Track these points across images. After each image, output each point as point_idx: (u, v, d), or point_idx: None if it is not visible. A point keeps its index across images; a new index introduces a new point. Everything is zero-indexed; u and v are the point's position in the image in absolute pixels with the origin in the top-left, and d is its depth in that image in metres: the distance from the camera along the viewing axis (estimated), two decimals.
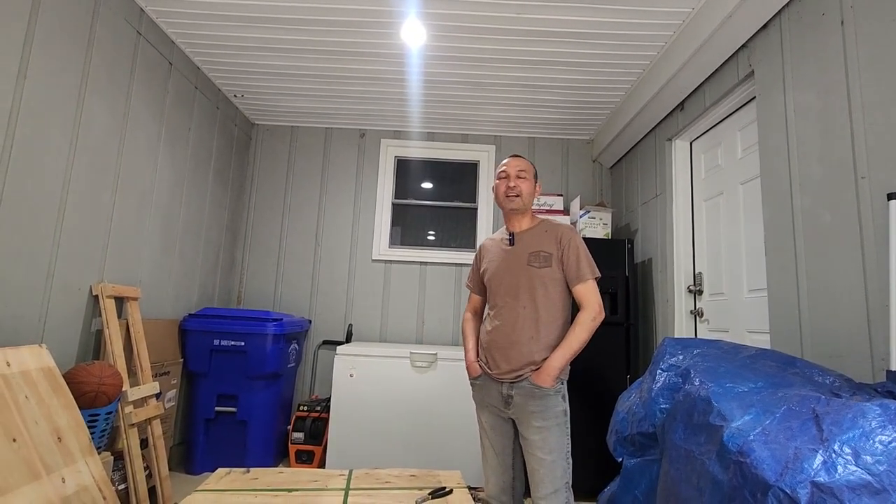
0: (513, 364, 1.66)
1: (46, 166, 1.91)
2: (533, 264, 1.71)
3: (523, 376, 1.65)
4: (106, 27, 2.19)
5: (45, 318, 1.93)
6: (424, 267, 3.67)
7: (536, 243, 1.75)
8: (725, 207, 2.42)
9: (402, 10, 2.36)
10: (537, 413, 1.62)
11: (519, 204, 1.77)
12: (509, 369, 1.67)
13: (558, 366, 1.61)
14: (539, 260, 1.71)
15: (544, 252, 1.72)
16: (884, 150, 1.44)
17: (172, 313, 2.84)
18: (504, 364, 1.68)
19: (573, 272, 1.70)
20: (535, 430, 1.62)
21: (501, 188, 1.79)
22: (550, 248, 1.72)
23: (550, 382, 1.61)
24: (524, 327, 1.68)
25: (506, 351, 1.68)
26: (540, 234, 1.77)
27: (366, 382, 2.85)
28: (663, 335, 2.77)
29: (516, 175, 1.78)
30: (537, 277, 1.70)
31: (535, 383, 1.62)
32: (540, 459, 1.60)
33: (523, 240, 1.78)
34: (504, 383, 1.68)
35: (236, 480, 1.78)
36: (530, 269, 1.71)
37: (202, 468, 2.80)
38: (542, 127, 3.66)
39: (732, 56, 2.21)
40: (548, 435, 1.61)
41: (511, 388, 1.67)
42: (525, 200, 1.77)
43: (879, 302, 1.43)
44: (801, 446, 0.96)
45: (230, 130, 3.47)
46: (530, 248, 1.74)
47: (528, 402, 1.63)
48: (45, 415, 1.55)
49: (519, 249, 1.76)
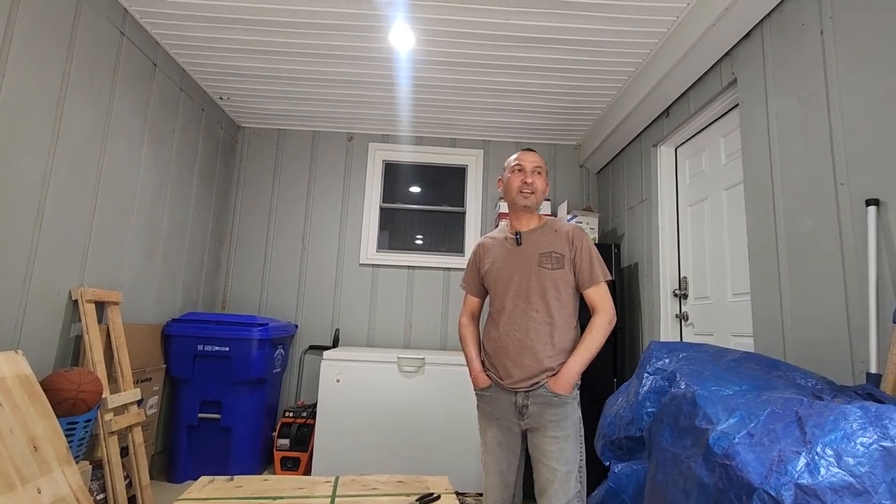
0: (527, 371, 1.57)
1: (25, 167, 1.86)
2: (545, 265, 1.62)
3: (539, 384, 1.57)
4: (88, 26, 2.15)
5: (22, 324, 1.88)
6: (412, 271, 3.65)
7: (547, 243, 1.66)
8: (710, 213, 2.46)
9: (390, 14, 2.36)
10: (555, 422, 1.55)
11: (533, 201, 1.69)
12: (524, 377, 1.58)
13: (577, 371, 1.55)
14: (552, 261, 1.63)
15: (556, 253, 1.64)
16: (862, 157, 1.48)
17: (155, 318, 2.79)
18: (517, 372, 1.59)
19: (586, 274, 1.63)
20: (551, 439, 1.54)
21: (515, 182, 1.69)
22: (563, 249, 1.65)
23: (569, 389, 1.54)
24: (538, 332, 1.59)
25: (518, 358, 1.59)
26: (549, 234, 1.68)
27: (353, 387, 2.82)
28: (649, 339, 2.80)
29: (533, 170, 1.70)
30: (549, 279, 1.61)
31: (553, 391, 1.55)
32: (554, 470, 1.52)
33: (532, 239, 1.69)
34: (518, 393, 1.59)
35: (220, 489, 1.75)
36: (542, 271, 1.62)
37: (185, 476, 2.74)
38: (529, 132, 3.68)
39: (716, 64, 2.25)
40: (565, 445, 1.54)
41: (527, 397, 1.57)
42: (539, 198, 1.70)
43: (859, 306, 1.45)
44: (785, 448, 0.97)
45: (216, 133, 3.43)
46: (541, 249, 1.66)
47: (546, 410, 1.56)
48: (21, 423, 1.51)
49: (528, 249, 1.67)
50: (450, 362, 2.86)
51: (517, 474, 1.68)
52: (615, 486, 1.55)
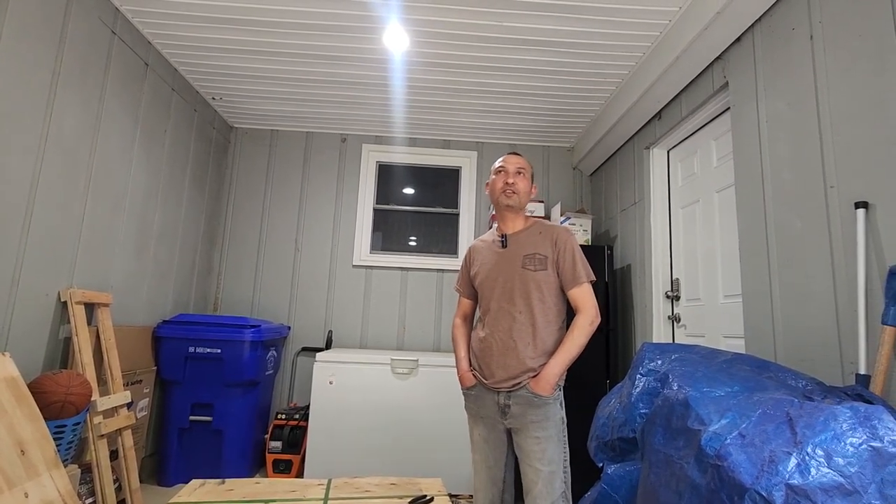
0: (510, 372, 1.60)
1: (13, 166, 1.84)
2: (528, 267, 1.65)
3: (521, 384, 1.59)
4: (79, 25, 2.13)
5: (10, 326, 1.85)
6: (406, 273, 3.65)
7: (531, 245, 1.69)
8: (702, 215, 2.47)
9: (384, 16, 2.36)
10: (537, 423, 1.57)
11: (515, 201, 1.71)
12: (506, 377, 1.61)
13: (558, 372, 1.56)
14: (534, 263, 1.65)
15: (539, 254, 1.66)
16: (851, 159, 1.49)
17: (146, 320, 2.76)
18: (500, 372, 1.62)
19: (569, 275, 1.65)
20: (533, 440, 1.56)
21: (498, 184, 1.73)
22: (546, 250, 1.67)
23: (550, 390, 1.56)
24: (520, 333, 1.62)
25: (501, 358, 1.62)
26: (534, 236, 1.71)
27: (346, 389, 2.81)
28: (642, 340, 2.81)
29: (515, 171, 1.72)
30: (532, 281, 1.64)
31: (534, 391, 1.57)
32: (537, 471, 1.54)
33: (517, 241, 1.72)
34: (501, 393, 1.62)
35: (211, 492, 1.73)
36: (525, 273, 1.65)
37: (175, 480, 2.72)
38: (523, 134, 3.69)
39: (708, 67, 2.27)
40: (547, 445, 1.56)
41: (508, 397, 1.60)
42: (521, 198, 1.72)
43: (848, 307, 1.47)
44: (776, 449, 0.98)
45: (208, 133, 3.40)
46: (524, 251, 1.69)
47: (527, 411, 1.58)
48: (7, 426, 1.48)
49: (512, 251, 1.70)
50: (443, 364, 2.86)
51: (505, 471, 1.70)
52: (608, 487, 1.55)
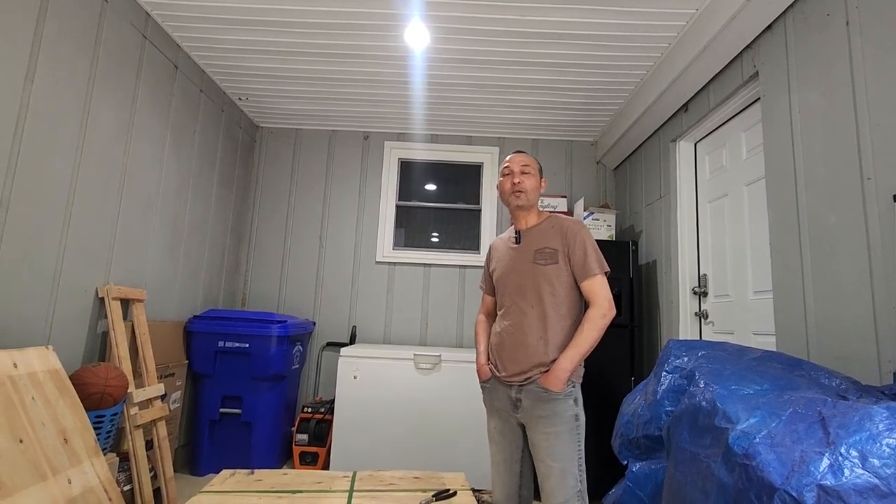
0: (521, 366, 1.61)
1: (53, 169, 1.93)
2: (538, 262, 1.66)
3: (532, 379, 1.59)
4: (112, 31, 2.21)
5: (52, 320, 1.95)
6: (428, 269, 3.67)
7: (542, 240, 1.70)
8: (730, 209, 2.41)
9: (405, 13, 2.37)
10: (546, 418, 1.56)
11: (524, 200, 1.72)
12: (517, 371, 1.62)
13: (568, 367, 1.54)
14: (544, 257, 1.66)
15: (549, 248, 1.66)
16: (890, 151, 1.43)
17: (177, 315, 2.85)
18: (512, 366, 1.63)
19: (580, 267, 1.63)
20: (543, 435, 1.56)
21: (506, 185, 1.75)
22: (556, 243, 1.67)
23: (560, 385, 1.54)
24: (532, 327, 1.62)
25: (513, 352, 1.64)
26: (546, 231, 1.72)
27: (370, 384, 2.85)
28: (668, 337, 2.76)
29: (521, 171, 1.73)
30: (542, 275, 1.64)
31: (543, 386, 1.56)
32: (549, 466, 1.53)
33: (529, 237, 1.73)
34: (513, 386, 1.63)
35: (241, 482, 1.79)
36: (535, 267, 1.66)
37: (207, 469, 2.81)
38: (545, 129, 3.65)
39: (737, 57, 2.20)
40: (556, 441, 1.54)
41: (520, 391, 1.61)
42: (530, 196, 1.73)
43: (886, 303, 1.42)
44: (808, 449, 0.96)
45: (235, 133, 3.48)
46: (536, 246, 1.69)
47: (537, 405, 1.57)
48: (52, 416, 1.56)
49: (525, 247, 1.72)
50: (466, 360, 2.87)
51: (521, 464, 1.71)
52: (633, 485, 1.54)
